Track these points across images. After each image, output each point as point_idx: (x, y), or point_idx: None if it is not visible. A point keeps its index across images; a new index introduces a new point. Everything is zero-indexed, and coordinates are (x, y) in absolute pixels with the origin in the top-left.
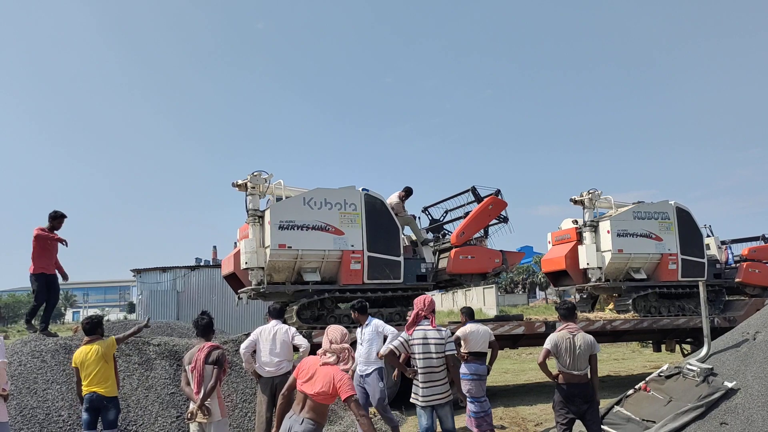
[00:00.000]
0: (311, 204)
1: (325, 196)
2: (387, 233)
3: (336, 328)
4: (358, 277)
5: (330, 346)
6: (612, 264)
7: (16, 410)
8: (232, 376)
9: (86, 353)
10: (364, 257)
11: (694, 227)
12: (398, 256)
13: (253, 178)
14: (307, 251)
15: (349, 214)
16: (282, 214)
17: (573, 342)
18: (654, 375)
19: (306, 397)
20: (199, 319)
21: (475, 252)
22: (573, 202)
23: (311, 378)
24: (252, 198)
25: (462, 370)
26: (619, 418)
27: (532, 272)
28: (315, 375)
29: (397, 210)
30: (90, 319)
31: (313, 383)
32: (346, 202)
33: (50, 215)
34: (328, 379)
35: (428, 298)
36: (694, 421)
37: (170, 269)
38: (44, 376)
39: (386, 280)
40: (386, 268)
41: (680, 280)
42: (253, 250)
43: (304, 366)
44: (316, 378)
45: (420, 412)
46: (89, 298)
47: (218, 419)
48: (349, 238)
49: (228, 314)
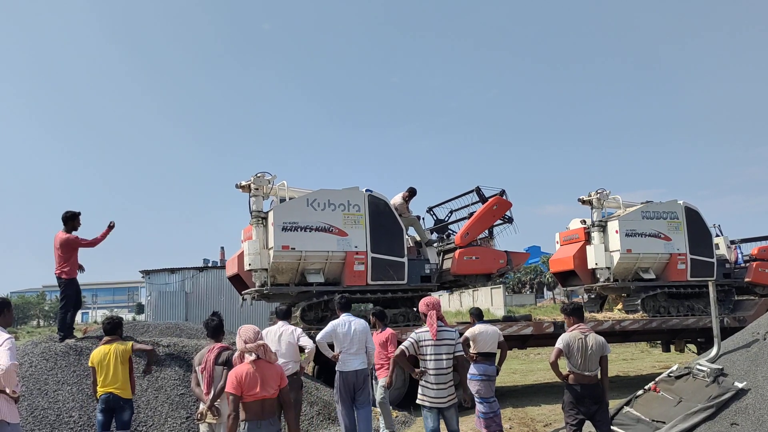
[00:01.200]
0: (314, 205)
1: (329, 197)
2: (391, 234)
3: (248, 328)
4: (361, 278)
5: (245, 345)
6: (621, 264)
7: (28, 411)
8: None
9: (104, 353)
10: (367, 258)
11: (703, 227)
12: (402, 257)
13: (257, 179)
14: (311, 252)
15: (353, 216)
16: (285, 216)
17: (585, 342)
18: (664, 375)
19: (263, 401)
20: (210, 320)
21: (480, 253)
22: (581, 202)
23: (261, 382)
24: (255, 199)
25: (471, 370)
26: (629, 419)
27: (540, 272)
28: (262, 378)
29: (401, 211)
30: (111, 320)
31: (266, 386)
32: (349, 203)
33: (67, 216)
34: (276, 375)
35: (436, 299)
36: (704, 421)
37: (179, 270)
38: (55, 377)
39: (390, 281)
40: (390, 269)
41: (689, 279)
42: (256, 251)
43: (242, 379)
44: (265, 379)
45: (426, 413)
46: (98, 299)
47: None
48: (353, 239)
49: (237, 315)
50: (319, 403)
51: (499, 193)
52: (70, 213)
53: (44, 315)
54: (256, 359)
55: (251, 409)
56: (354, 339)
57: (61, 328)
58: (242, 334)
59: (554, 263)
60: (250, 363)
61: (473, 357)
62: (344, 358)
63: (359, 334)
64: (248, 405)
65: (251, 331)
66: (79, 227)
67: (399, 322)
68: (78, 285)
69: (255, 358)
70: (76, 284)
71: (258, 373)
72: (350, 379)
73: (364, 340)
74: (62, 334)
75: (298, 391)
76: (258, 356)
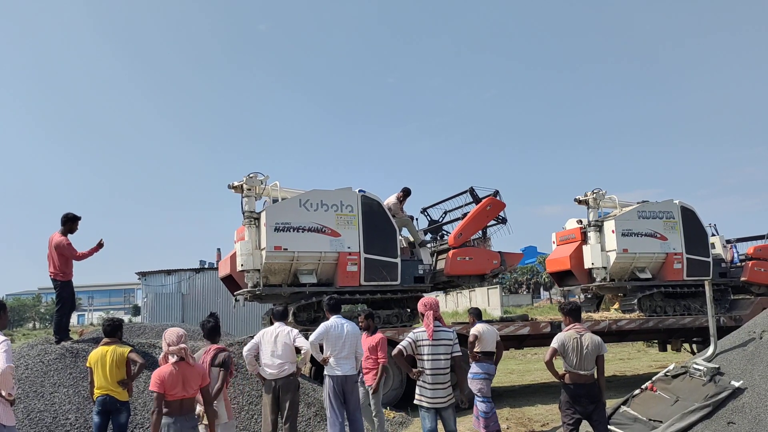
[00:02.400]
0: (307, 206)
1: (322, 197)
2: (384, 235)
3: (171, 331)
4: (354, 279)
5: (169, 348)
6: (617, 264)
7: (24, 414)
8: (239, 378)
9: (102, 354)
10: (360, 259)
11: (699, 226)
12: (395, 257)
13: (249, 179)
14: (303, 253)
15: (346, 216)
16: (278, 216)
17: (580, 342)
18: (660, 375)
19: (182, 400)
20: (206, 321)
21: (473, 253)
22: (577, 202)
23: (183, 383)
24: (248, 200)
25: (474, 369)
26: (626, 418)
27: (537, 272)
28: (183, 378)
29: (395, 211)
30: (111, 321)
31: (187, 386)
32: (342, 203)
33: (68, 217)
34: (197, 376)
35: (435, 299)
36: (701, 420)
37: (175, 272)
38: (51, 379)
39: (383, 281)
40: (383, 270)
41: (685, 279)
42: (248, 252)
43: (165, 379)
44: (186, 380)
45: (424, 414)
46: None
47: (225, 421)
48: (346, 239)
49: (234, 316)
50: (316, 404)
51: (493, 193)
52: (71, 215)
53: (40, 317)
54: (178, 361)
55: (171, 406)
56: (346, 342)
57: (57, 331)
58: (166, 338)
59: (551, 263)
60: (172, 364)
61: (476, 356)
62: (334, 362)
63: (351, 337)
64: (169, 403)
65: (174, 334)
66: (75, 232)
67: (392, 323)
68: (73, 287)
69: (177, 360)
70: (72, 286)
71: (179, 374)
72: (340, 384)
73: (355, 343)
74: (58, 337)
75: (295, 392)
76: (180, 358)
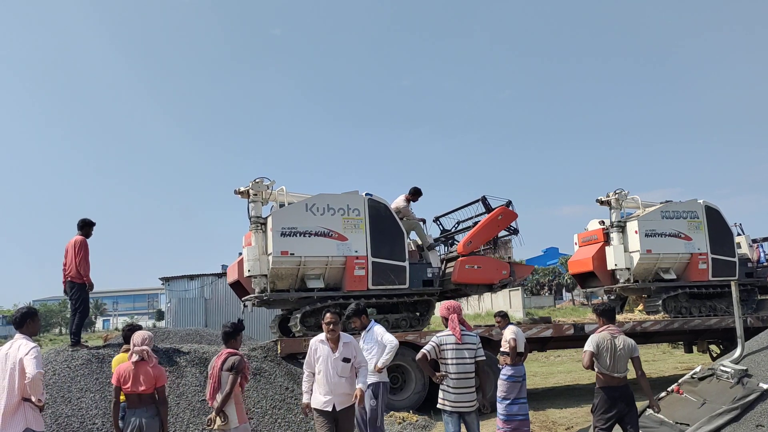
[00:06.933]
0: (314, 210)
1: (328, 201)
2: (391, 238)
3: (139, 334)
4: (362, 283)
5: (134, 348)
6: (641, 264)
7: (52, 419)
8: (261, 382)
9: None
10: (368, 263)
11: (724, 226)
12: (403, 261)
13: (255, 185)
14: (310, 258)
15: (353, 220)
16: (284, 221)
17: (614, 344)
18: (687, 377)
19: (140, 394)
20: (223, 326)
21: (482, 262)
22: (599, 203)
23: (134, 379)
24: (254, 205)
25: (509, 372)
26: (652, 422)
27: (559, 274)
28: (136, 376)
29: (404, 213)
30: (131, 327)
31: (137, 383)
32: (349, 207)
33: (85, 222)
34: (150, 376)
35: (457, 302)
36: (729, 423)
37: (198, 277)
38: (78, 384)
39: (391, 285)
40: (391, 274)
41: (711, 279)
42: (255, 257)
43: (120, 374)
44: (138, 377)
45: (447, 418)
46: (119, 307)
47: (236, 425)
48: (353, 243)
49: (258, 321)
50: None
51: (506, 203)
52: (88, 220)
53: (66, 323)
54: (139, 360)
55: (130, 399)
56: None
57: (76, 333)
58: (133, 339)
59: (573, 265)
60: (132, 362)
61: (518, 359)
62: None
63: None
64: (127, 396)
65: (140, 337)
66: (89, 237)
67: (401, 327)
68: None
69: (138, 359)
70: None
71: (135, 371)
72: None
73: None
74: (75, 339)
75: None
76: (141, 358)
